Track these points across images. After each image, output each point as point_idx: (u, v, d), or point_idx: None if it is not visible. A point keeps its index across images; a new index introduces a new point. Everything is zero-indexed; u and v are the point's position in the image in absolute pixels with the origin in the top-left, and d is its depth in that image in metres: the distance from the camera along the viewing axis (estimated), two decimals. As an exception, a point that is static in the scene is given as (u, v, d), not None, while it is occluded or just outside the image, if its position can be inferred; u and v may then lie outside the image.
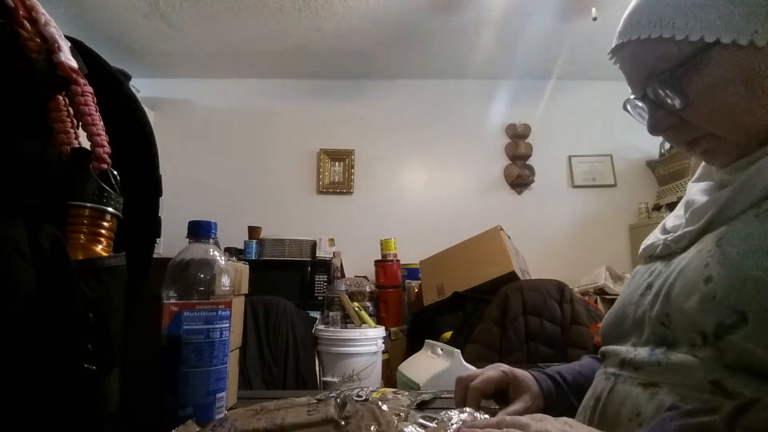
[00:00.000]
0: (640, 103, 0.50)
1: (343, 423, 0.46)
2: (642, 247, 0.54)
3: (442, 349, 1.44)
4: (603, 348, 0.52)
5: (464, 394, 0.57)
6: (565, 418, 0.41)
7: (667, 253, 0.48)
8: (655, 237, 0.53)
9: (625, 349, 0.47)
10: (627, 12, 0.48)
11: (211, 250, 0.55)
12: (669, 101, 0.45)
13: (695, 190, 0.51)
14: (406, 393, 0.64)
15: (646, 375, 0.42)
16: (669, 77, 0.44)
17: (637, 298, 0.48)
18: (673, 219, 0.53)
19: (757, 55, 0.41)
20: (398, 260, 2.48)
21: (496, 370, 0.59)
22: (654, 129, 0.49)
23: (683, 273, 0.42)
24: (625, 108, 0.53)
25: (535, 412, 0.53)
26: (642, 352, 0.43)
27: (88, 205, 0.37)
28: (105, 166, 0.39)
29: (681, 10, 0.42)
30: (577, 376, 0.60)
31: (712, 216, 0.43)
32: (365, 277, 2.44)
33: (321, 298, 2.27)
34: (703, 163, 0.54)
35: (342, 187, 2.90)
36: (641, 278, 0.50)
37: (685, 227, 0.46)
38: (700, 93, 0.43)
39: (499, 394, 0.59)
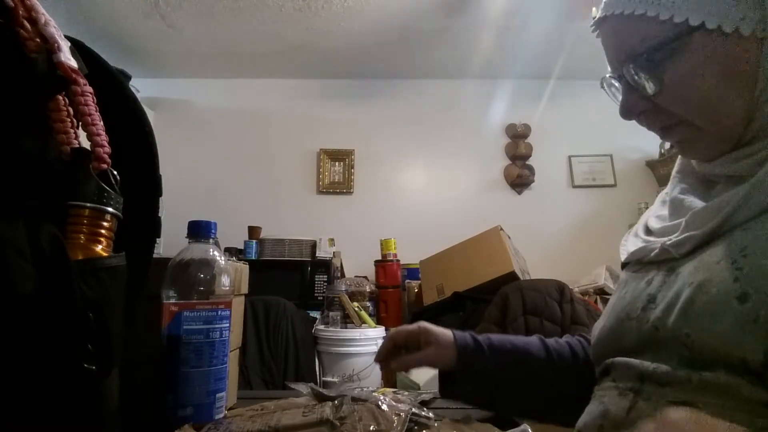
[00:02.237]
0: (616, 83, 0.48)
1: (338, 424, 0.46)
2: (627, 251, 0.50)
3: (442, 349, 1.44)
4: (608, 361, 0.46)
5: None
6: None
7: (664, 258, 0.44)
8: (641, 240, 0.49)
9: (640, 362, 0.41)
10: None
11: (211, 250, 0.55)
12: (643, 85, 0.43)
13: (680, 189, 0.48)
14: (406, 393, 0.64)
15: (677, 392, 0.37)
16: (646, 60, 0.42)
17: (638, 312, 0.43)
18: (657, 220, 0.50)
19: (740, 44, 0.39)
20: (398, 260, 2.48)
21: (415, 324, 0.64)
22: (626, 112, 0.47)
23: (704, 287, 0.37)
24: (601, 86, 0.51)
25: (441, 362, 0.59)
26: (664, 367, 0.38)
27: (88, 205, 0.37)
28: (105, 166, 0.39)
29: None
30: (506, 341, 0.61)
31: (723, 219, 0.39)
32: (365, 277, 2.44)
33: (321, 298, 2.27)
34: (680, 157, 0.52)
35: (342, 187, 2.89)
36: (636, 288, 0.45)
37: (685, 231, 0.42)
38: (675, 80, 0.41)
39: (414, 347, 0.63)
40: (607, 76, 0.49)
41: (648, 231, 0.50)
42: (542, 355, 0.59)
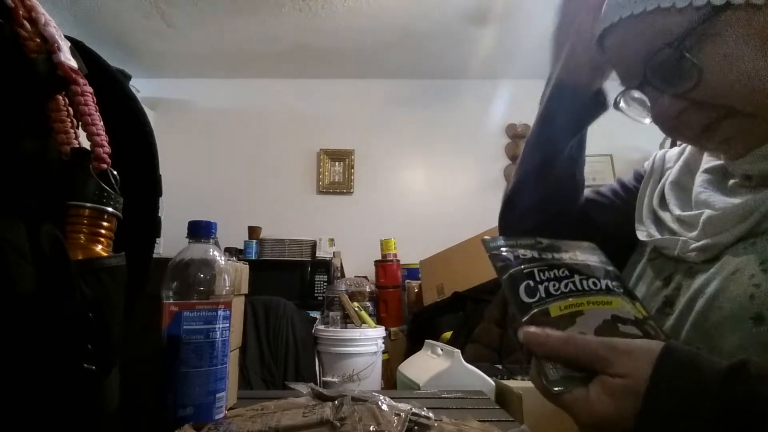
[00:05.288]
0: (637, 94, 0.43)
1: (338, 424, 0.46)
2: (646, 232, 0.46)
3: (442, 349, 1.44)
4: None
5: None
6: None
7: (684, 255, 0.41)
8: (659, 223, 0.45)
9: None
10: None
11: (211, 250, 0.55)
12: (677, 81, 0.38)
13: (704, 183, 0.44)
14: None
15: None
16: (675, 52, 0.37)
17: (653, 313, 0.41)
18: (675, 198, 0.46)
19: None
20: (398, 260, 2.48)
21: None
22: (662, 118, 0.41)
23: (719, 300, 0.35)
24: (616, 106, 0.46)
25: None
26: None
27: (88, 205, 0.37)
28: (105, 166, 0.39)
29: None
30: None
31: (752, 225, 0.36)
32: (365, 277, 2.44)
33: (321, 298, 2.26)
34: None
35: (342, 187, 2.89)
36: (653, 284, 0.43)
37: (703, 236, 0.39)
38: (715, 65, 0.36)
39: None
40: (624, 91, 0.44)
41: (663, 204, 0.46)
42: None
